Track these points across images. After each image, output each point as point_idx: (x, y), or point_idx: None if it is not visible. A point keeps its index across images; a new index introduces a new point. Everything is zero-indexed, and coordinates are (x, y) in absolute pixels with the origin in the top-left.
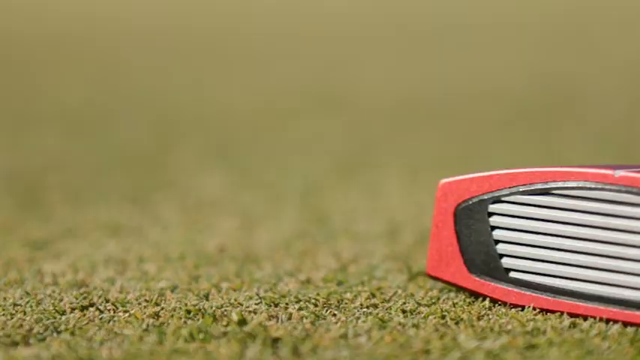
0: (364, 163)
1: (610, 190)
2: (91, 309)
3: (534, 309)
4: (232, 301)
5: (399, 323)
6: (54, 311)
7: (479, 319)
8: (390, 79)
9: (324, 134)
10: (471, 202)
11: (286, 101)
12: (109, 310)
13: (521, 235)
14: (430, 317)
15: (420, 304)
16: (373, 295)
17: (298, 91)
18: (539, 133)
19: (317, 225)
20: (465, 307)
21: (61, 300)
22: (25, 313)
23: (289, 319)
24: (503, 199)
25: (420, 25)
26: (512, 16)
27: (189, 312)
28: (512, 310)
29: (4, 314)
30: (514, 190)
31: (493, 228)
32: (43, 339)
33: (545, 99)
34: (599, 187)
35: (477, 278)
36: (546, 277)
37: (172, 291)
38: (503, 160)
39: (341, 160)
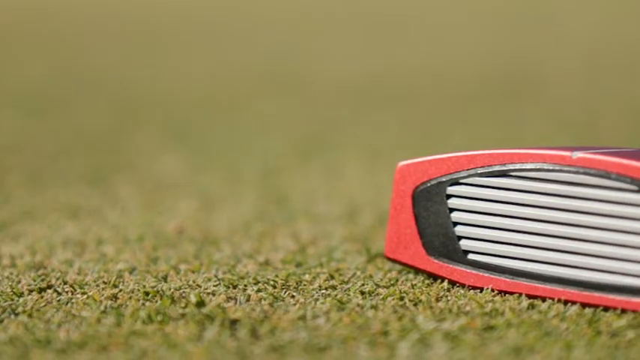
0: (324, 145)
1: (568, 172)
2: (49, 291)
3: (493, 290)
4: (191, 282)
5: (358, 305)
6: (11, 293)
7: (437, 300)
8: (350, 61)
9: (284, 116)
10: (429, 185)
11: (246, 83)
12: (66, 292)
13: (479, 217)
14: (389, 299)
15: (378, 286)
16: (332, 277)
17: (258, 73)
18: (499, 116)
19: (276, 206)
20: (424, 289)
21: (18, 282)
22: None
23: (248, 300)
24: (461, 181)
25: (381, 6)
26: None
27: (147, 294)
28: (471, 291)
29: None
30: (472, 172)
31: (451, 210)
32: (1, 321)
33: (504, 81)
34: (557, 168)
35: (436, 260)
36: (504, 259)
37: (131, 273)
38: (464, 143)
39: (300, 142)
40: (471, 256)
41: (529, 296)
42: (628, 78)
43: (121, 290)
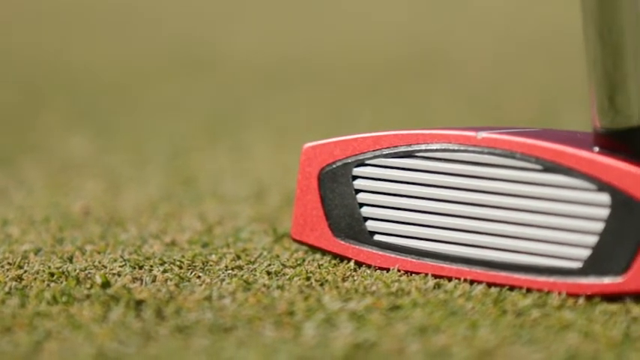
0: (232, 126)
1: (473, 152)
2: None
3: (399, 271)
4: (96, 263)
5: (264, 285)
6: None
7: (344, 280)
8: (258, 41)
9: (191, 97)
10: (334, 166)
11: (153, 64)
12: None
13: (385, 198)
14: (295, 279)
15: (285, 266)
16: (238, 257)
17: (165, 54)
18: (409, 97)
19: (183, 187)
20: (330, 269)
21: None
22: None
23: (153, 281)
24: (367, 162)
25: None
26: None
27: (52, 275)
28: (377, 271)
29: None
30: (378, 153)
31: (357, 191)
32: None
33: (415, 62)
34: (462, 148)
35: (342, 242)
36: (411, 240)
37: (36, 254)
38: (373, 124)
39: (208, 122)
40: (377, 237)
41: (435, 276)
42: (537, 59)
43: (25, 271)
